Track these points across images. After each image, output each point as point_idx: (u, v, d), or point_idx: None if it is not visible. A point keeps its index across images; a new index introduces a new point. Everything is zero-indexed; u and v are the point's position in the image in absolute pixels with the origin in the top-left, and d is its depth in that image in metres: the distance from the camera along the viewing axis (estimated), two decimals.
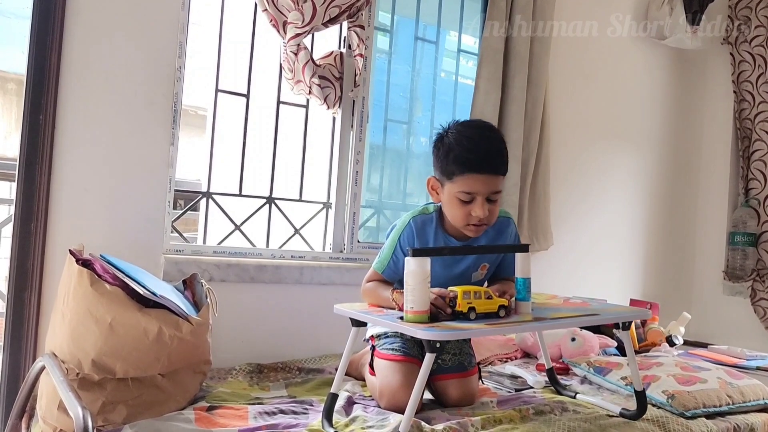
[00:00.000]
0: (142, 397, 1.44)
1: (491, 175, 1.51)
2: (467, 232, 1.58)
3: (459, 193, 1.51)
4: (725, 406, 1.71)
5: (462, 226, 1.56)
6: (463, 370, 1.68)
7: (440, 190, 1.58)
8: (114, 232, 1.89)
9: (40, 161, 1.78)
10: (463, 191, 1.51)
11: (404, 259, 1.34)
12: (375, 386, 1.65)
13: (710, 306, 3.49)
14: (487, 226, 1.58)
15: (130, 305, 1.43)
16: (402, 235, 1.62)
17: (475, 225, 1.54)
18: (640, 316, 1.69)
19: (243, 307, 2.10)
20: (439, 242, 1.61)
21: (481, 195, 1.51)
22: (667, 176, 3.51)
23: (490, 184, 1.51)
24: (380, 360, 1.66)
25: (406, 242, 1.60)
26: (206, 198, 2.24)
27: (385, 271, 1.64)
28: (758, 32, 3.33)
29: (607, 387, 1.87)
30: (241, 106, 2.29)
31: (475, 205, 1.51)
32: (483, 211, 1.51)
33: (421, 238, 1.61)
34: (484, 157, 1.50)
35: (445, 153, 1.53)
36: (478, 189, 1.50)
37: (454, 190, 1.52)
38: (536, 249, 2.80)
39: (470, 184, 1.50)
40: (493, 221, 1.58)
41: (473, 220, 1.53)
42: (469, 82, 2.76)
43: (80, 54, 1.84)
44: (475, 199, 1.51)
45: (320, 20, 2.13)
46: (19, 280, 1.76)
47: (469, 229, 1.56)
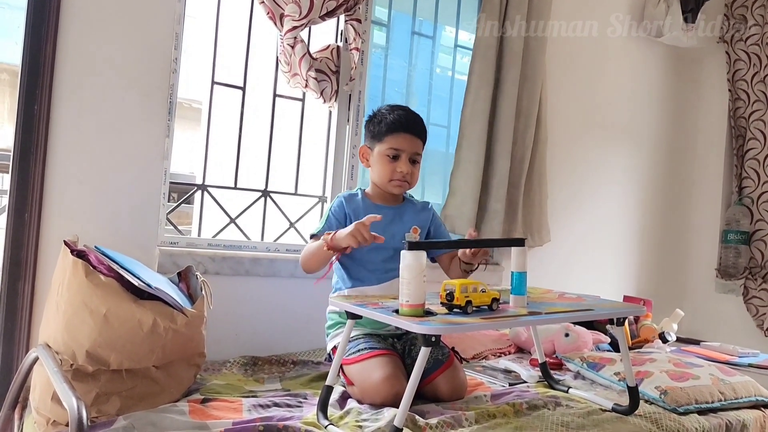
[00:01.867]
0: (136, 388, 1.44)
1: (414, 137, 1.82)
2: (392, 188, 1.83)
3: (388, 150, 1.80)
4: (717, 402, 1.72)
5: (387, 182, 1.82)
6: (441, 364, 1.68)
7: (369, 155, 1.86)
8: (109, 224, 1.89)
9: (35, 152, 1.78)
10: (392, 147, 1.80)
11: (336, 225, 1.75)
12: (356, 392, 1.64)
13: (703, 303, 3.51)
14: (409, 186, 1.85)
15: (124, 297, 1.42)
16: (332, 206, 1.86)
17: (399, 180, 1.81)
18: (635, 312, 1.70)
19: (238, 300, 2.10)
20: (367, 208, 1.82)
21: (406, 153, 1.80)
22: (662, 174, 3.52)
23: (413, 144, 1.81)
24: (352, 366, 1.66)
25: (337, 211, 1.83)
26: (201, 191, 2.23)
27: (319, 232, 1.79)
28: (754, 31, 3.34)
29: (600, 382, 1.87)
30: (237, 98, 2.28)
31: (400, 161, 1.80)
32: (407, 167, 1.80)
33: (350, 206, 1.84)
34: (410, 121, 1.83)
35: (378, 121, 1.83)
36: (403, 146, 1.80)
37: (383, 148, 1.81)
38: (531, 245, 2.81)
39: (398, 141, 1.80)
40: (414, 182, 1.85)
41: (397, 175, 1.80)
42: (465, 78, 2.75)
43: (75, 45, 1.83)
44: (400, 156, 1.80)
45: (317, 13, 2.12)
46: (13, 270, 1.76)
47: (393, 184, 1.82)
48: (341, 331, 1.72)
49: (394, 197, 1.89)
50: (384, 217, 1.69)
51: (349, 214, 1.81)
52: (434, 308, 1.37)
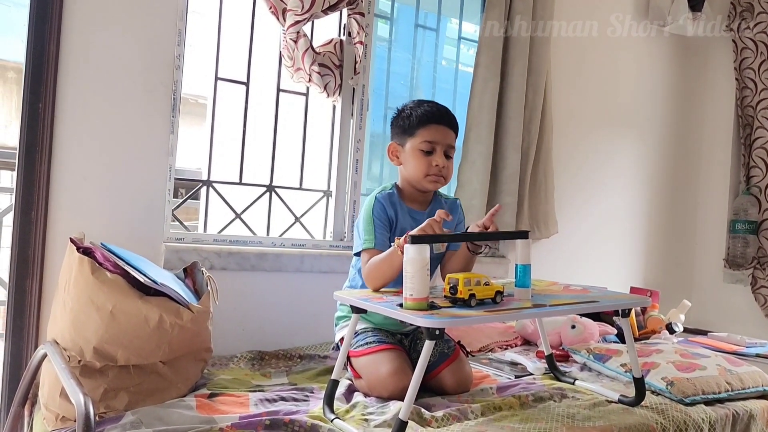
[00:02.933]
0: (144, 384, 1.45)
1: (448, 128, 1.75)
2: (426, 184, 1.75)
3: (422, 144, 1.72)
4: (724, 392, 1.72)
5: (422, 177, 1.74)
6: (447, 357, 1.69)
7: (400, 152, 1.78)
8: (114, 221, 1.90)
9: (40, 150, 1.78)
10: (426, 140, 1.72)
11: (382, 229, 1.66)
12: (363, 385, 1.64)
13: (710, 293, 3.49)
14: (445, 181, 1.76)
15: (130, 293, 1.43)
16: (374, 210, 1.73)
17: (434, 175, 1.73)
18: (639, 304, 1.70)
19: (244, 295, 2.11)
20: (404, 213, 1.76)
21: (440, 146, 1.73)
22: (668, 164, 3.50)
23: (447, 136, 1.74)
24: (359, 358, 1.67)
25: (381, 215, 1.73)
26: (206, 186, 2.24)
27: (376, 244, 1.69)
28: (761, 19, 3.30)
29: (606, 374, 1.87)
30: (241, 94, 2.28)
31: (436, 155, 1.72)
32: (442, 160, 1.72)
33: (392, 208, 1.75)
34: (441, 112, 1.76)
35: (407, 116, 1.75)
36: (438, 138, 1.72)
37: (417, 142, 1.73)
38: (538, 237, 2.80)
39: (432, 134, 1.72)
40: (449, 177, 1.77)
41: (433, 170, 1.72)
42: (470, 70, 2.74)
43: (79, 42, 1.84)
44: (435, 150, 1.72)
45: (320, 7, 2.12)
46: (21, 268, 1.77)
47: (428, 179, 1.73)
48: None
49: (424, 196, 1.82)
50: (416, 223, 1.61)
51: (392, 217, 1.74)
52: (438, 302, 1.37)
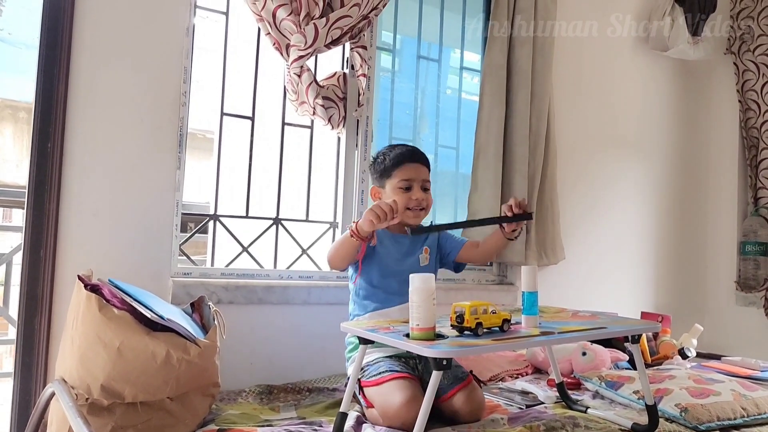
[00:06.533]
0: (152, 421, 1.44)
1: (421, 165, 1.92)
2: (409, 219, 1.88)
3: (400, 182, 1.88)
4: (740, 418, 1.69)
5: (404, 212, 1.86)
6: (460, 381, 1.68)
7: (382, 193, 1.94)
8: (122, 257, 1.91)
9: (49, 188, 1.81)
10: (403, 179, 1.88)
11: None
12: (376, 415, 1.63)
13: (723, 317, 3.45)
14: (425, 213, 1.92)
15: (138, 329, 1.43)
16: None
17: (415, 209, 1.88)
18: (649, 329, 1.68)
19: (251, 328, 2.10)
20: (388, 237, 1.90)
21: (416, 182, 1.89)
22: (676, 186, 3.50)
23: (420, 172, 1.91)
24: (371, 388, 1.66)
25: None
26: (214, 221, 2.25)
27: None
28: (761, 41, 3.33)
29: (619, 401, 1.85)
30: (247, 128, 2.31)
31: (414, 190, 1.88)
32: (420, 193, 1.88)
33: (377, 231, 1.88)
34: (412, 152, 1.94)
35: (382, 160, 1.93)
36: (413, 175, 1.89)
37: (395, 182, 1.89)
38: (545, 264, 2.79)
39: (407, 172, 1.89)
40: (429, 207, 1.92)
41: (413, 203, 1.88)
42: (473, 98, 2.77)
43: (87, 82, 1.87)
44: (412, 186, 1.89)
45: (322, 42, 2.16)
46: (30, 306, 1.78)
47: (410, 214, 1.88)
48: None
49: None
50: (401, 247, 1.89)
51: (378, 233, 1.87)
52: (445, 331, 1.36)
